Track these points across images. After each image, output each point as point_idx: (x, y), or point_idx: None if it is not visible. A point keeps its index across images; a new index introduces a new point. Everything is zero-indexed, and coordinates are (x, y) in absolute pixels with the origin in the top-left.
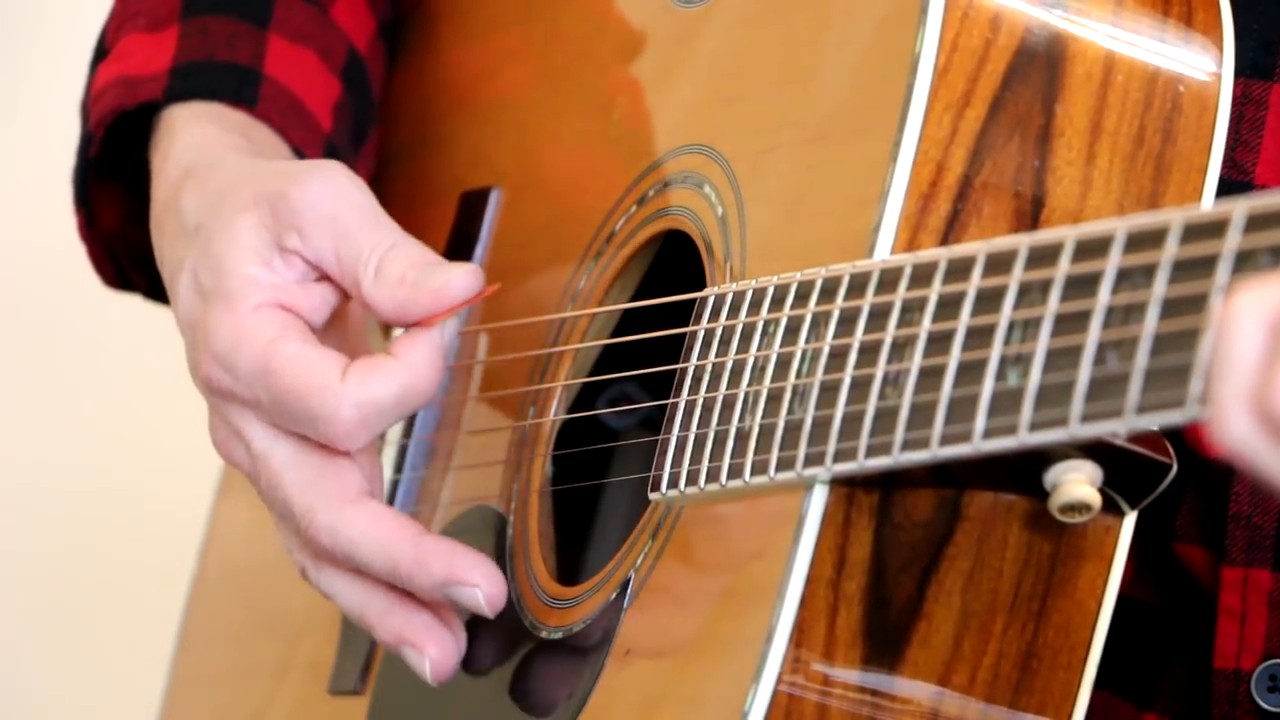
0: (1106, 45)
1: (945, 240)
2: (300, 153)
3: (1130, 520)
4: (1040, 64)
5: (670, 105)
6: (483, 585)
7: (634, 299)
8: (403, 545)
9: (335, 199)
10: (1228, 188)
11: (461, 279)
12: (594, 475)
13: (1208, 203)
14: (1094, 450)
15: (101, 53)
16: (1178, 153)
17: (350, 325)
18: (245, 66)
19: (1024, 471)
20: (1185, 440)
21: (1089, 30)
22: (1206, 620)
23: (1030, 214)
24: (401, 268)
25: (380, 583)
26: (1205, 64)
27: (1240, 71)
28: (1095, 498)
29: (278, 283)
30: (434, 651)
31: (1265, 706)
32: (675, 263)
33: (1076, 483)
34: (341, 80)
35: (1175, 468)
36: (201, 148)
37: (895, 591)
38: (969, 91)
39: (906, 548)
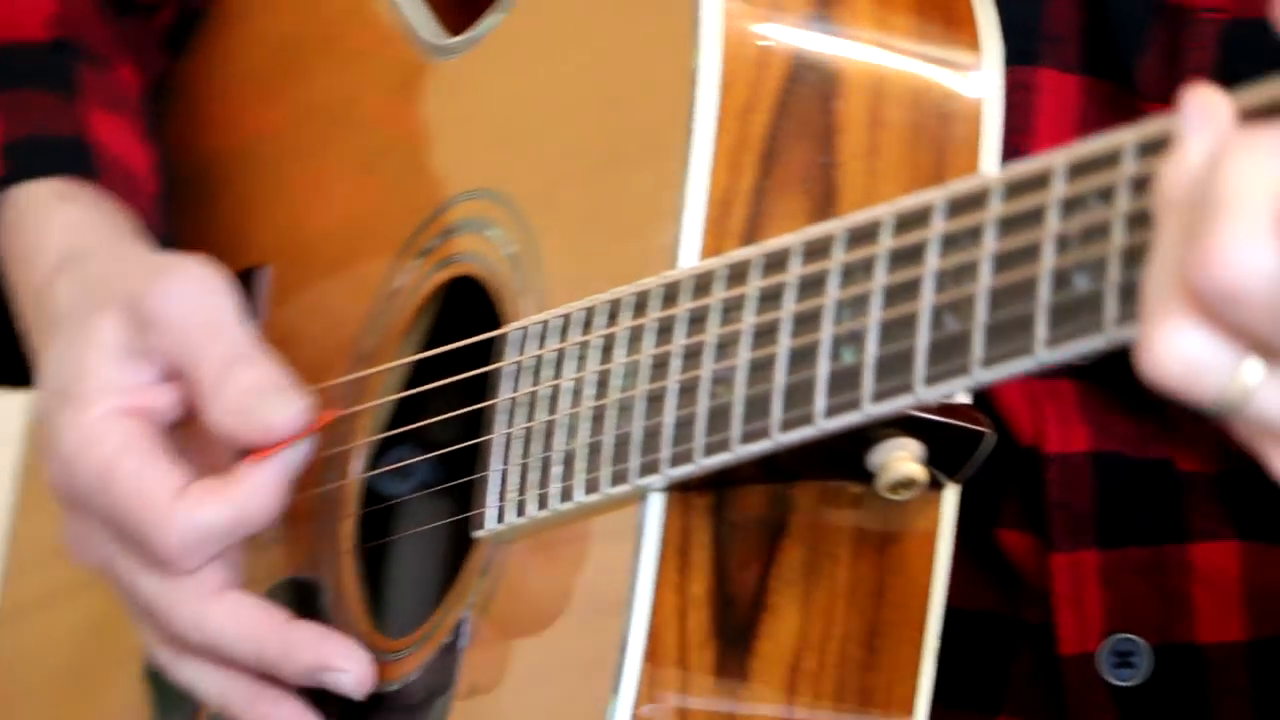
0: (875, 39)
1: (746, 244)
2: (145, 220)
3: (951, 493)
4: (816, 65)
5: (443, 156)
6: (352, 669)
7: (426, 349)
8: (270, 634)
9: (189, 301)
10: None
11: (288, 418)
12: (405, 526)
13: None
14: (913, 427)
15: None
16: (955, 135)
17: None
18: (75, 138)
19: (847, 457)
20: (1005, 433)
21: (859, 26)
22: (1043, 613)
23: (824, 211)
24: (237, 392)
25: (244, 670)
26: (970, 45)
27: (1006, 58)
28: (922, 472)
29: (131, 385)
30: None
31: (1117, 683)
32: (472, 309)
33: (902, 460)
34: (151, 142)
35: (993, 435)
36: (76, 230)
37: (739, 589)
38: (752, 98)
39: (744, 544)
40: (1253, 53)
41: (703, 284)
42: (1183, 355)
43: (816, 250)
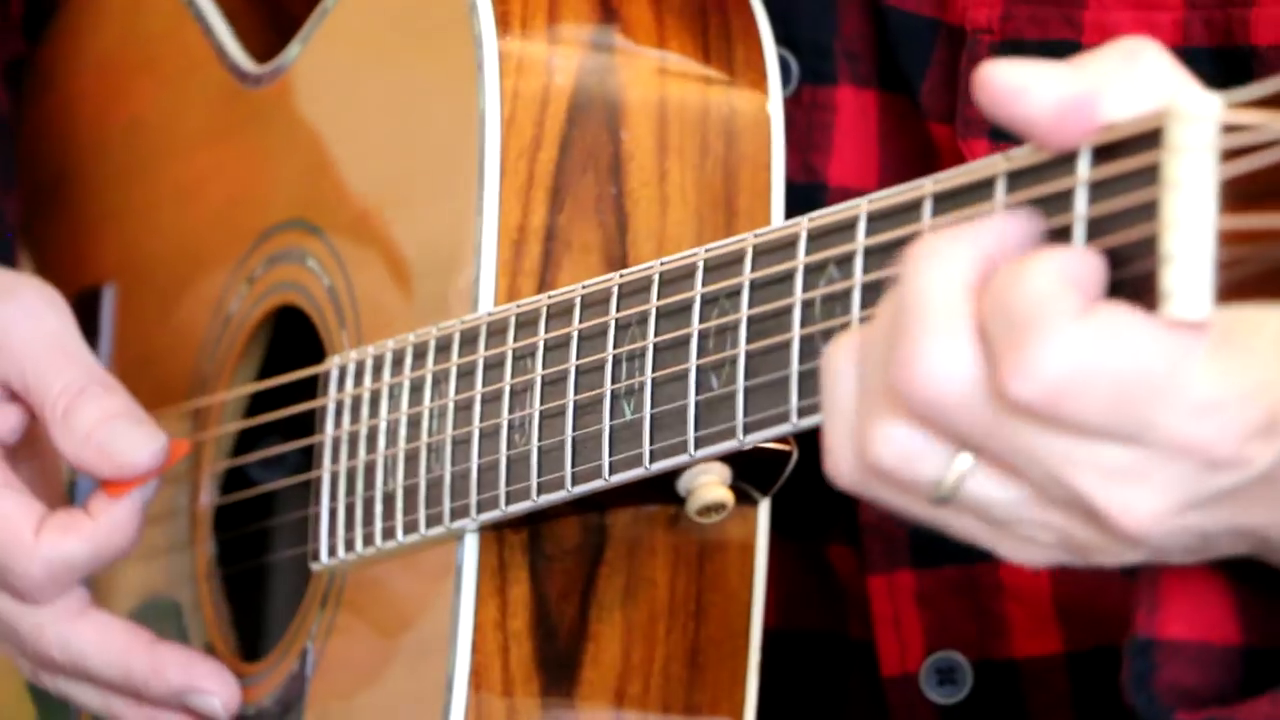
0: (658, 65)
1: (543, 280)
2: None
3: (764, 506)
4: (600, 96)
5: (261, 183)
6: (219, 692)
7: (260, 376)
8: (137, 654)
9: (27, 323)
10: (805, 191)
11: (147, 455)
12: (264, 550)
13: (778, 201)
14: None
15: None
16: (742, 154)
17: (44, 444)
18: None
19: (658, 482)
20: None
21: (639, 56)
22: (868, 630)
23: (617, 240)
24: (89, 421)
25: (112, 688)
26: (752, 63)
27: (804, 79)
28: (728, 496)
29: None
30: None
31: (940, 701)
32: (302, 336)
33: (709, 485)
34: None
35: (796, 454)
36: None
37: (560, 620)
38: (538, 136)
39: (562, 576)
40: None
41: (496, 329)
42: (895, 452)
43: (596, 302)
